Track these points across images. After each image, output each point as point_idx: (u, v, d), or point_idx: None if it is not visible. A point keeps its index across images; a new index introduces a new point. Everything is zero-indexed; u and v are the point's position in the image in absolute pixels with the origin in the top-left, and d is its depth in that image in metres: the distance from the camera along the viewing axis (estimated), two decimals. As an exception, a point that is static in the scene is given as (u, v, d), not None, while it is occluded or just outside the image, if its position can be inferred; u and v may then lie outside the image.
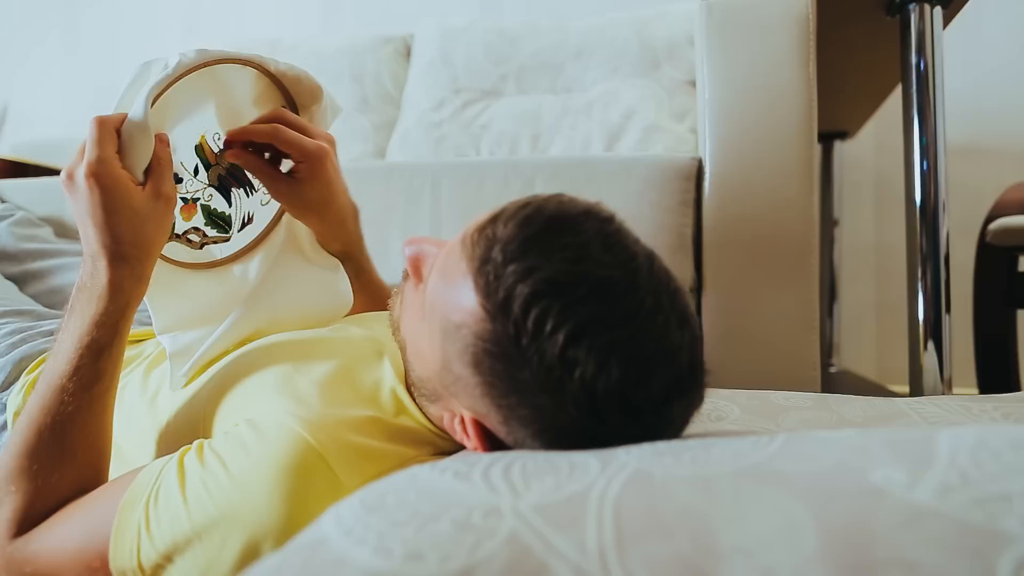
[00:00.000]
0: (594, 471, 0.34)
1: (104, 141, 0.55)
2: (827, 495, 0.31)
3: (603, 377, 0.41)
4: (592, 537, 0.30)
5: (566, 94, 1.56)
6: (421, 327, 0.51)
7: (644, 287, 0.43)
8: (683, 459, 0.35)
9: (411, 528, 0.31)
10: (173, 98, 0.60)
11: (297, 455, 0.49)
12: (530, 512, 0.31)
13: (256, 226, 0.71)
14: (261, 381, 0.61)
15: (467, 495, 0.33)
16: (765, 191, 0.90)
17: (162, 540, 0.49)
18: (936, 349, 0.91)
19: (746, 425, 0.54)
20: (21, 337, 0.85)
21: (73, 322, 0.58)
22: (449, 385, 0.49)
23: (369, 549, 0.30)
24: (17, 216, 1.14)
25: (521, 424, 0.45)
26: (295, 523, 0.47)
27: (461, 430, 0.51)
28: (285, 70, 0.67)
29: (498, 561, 0.29)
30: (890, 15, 0.98)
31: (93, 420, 0.60)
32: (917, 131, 0.92)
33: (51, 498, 0.57)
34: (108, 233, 0.55)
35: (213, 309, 0.69)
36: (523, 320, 0.42)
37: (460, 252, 0.47)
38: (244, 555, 0.48)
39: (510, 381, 0.44)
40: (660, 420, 0.44)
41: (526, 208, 0.45)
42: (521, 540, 0.30)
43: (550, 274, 0.42)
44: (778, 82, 0.90)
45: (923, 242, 0.92)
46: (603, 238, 0.44)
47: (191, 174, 0.66)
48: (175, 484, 0.51)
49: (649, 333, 0.42)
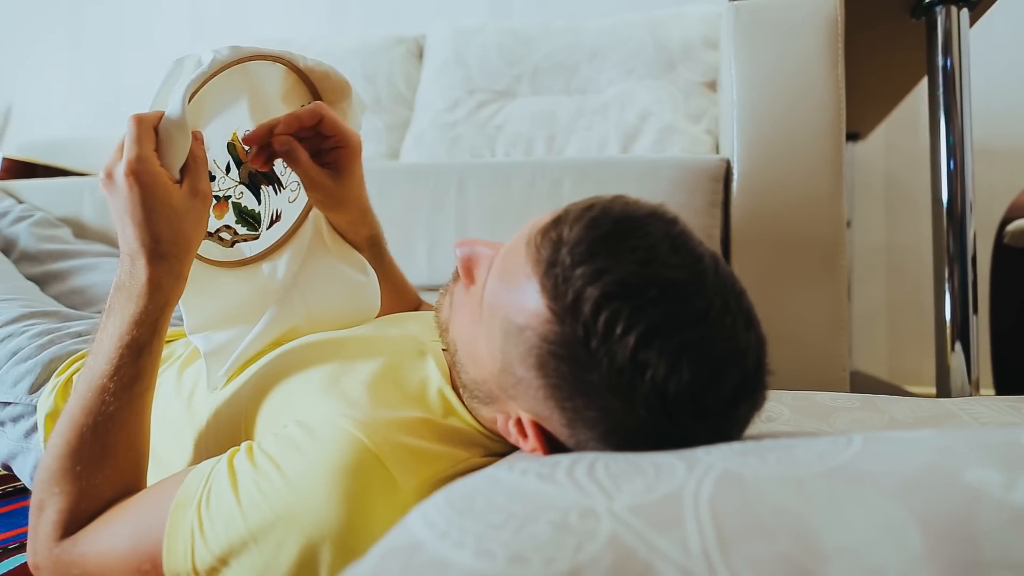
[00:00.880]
0: (681, 472, 0.34)
1: (143, 139, 0.55)
2: (924, 496, 0.31)
3: (674, 379, 0.41)
4: (693, 538, 0.30)
5: (581, 95, 1.56)
6: (477, 329, 0.51)
7: (711, 289, 0.43)
8: (768, 460, 0.35)
9: (509, 531, 0.30)
10: (207, 95, 0.60)
11: (353, 456, 0.49)
12: (626, 513, 0.31)
13: (284, 223, 0.71)
14: (305, 381, 0.61)
15: (557, 497, 0.33)
16: (793, 191, 0.91)
17: (217, 543, 0.49)
18: (964, 349, 0.91)
19: (798, 426, 0.54)
20: (49, 339, 0.84)
21: (112, 321, 0.58)
22: (508, 387, 0.49)
23: (470, 552, 0.29)
24: (36, 217, 1.14)
25: (586, 426, 0.45)
26: (354, 525, 0.47)
27: (517, 432, 0.50)
28: (313, 66, 0.67)
29: (603, 563, 0.29)
30: (915, 17, 0.98)
31: (133, 419, 0.59)
32: (944, 131, 0.93)
33: (95, 499, 0.57)
34: (147, 231, 0.55)
35: (243, 308, 0.69)
36: (593, 322, 0.42)
37: (524, 254, 0.46)
38: (302, 558, 0.47)
39: (577, 383, 0.44)
40: (727, 421, 0.44)
41: (592, 210, 0.45)
42: (622, 541, 0.30)
43: (620, 276, 0.42)
44: (807, 83, 0.90)
45: (950, 242, 0.93)
46: (670, 240, 0.44)
47: (223, 172, 0.65)
48: (227, 486, 0.50)
49: (719, 334, 0.42)
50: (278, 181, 0.70)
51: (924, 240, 1.78)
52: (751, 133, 0.92)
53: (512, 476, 0.37)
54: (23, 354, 0.83)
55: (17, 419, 0.81)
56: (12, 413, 0.81)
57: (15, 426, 0.81)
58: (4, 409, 0.82)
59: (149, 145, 0.55)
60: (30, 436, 0.80)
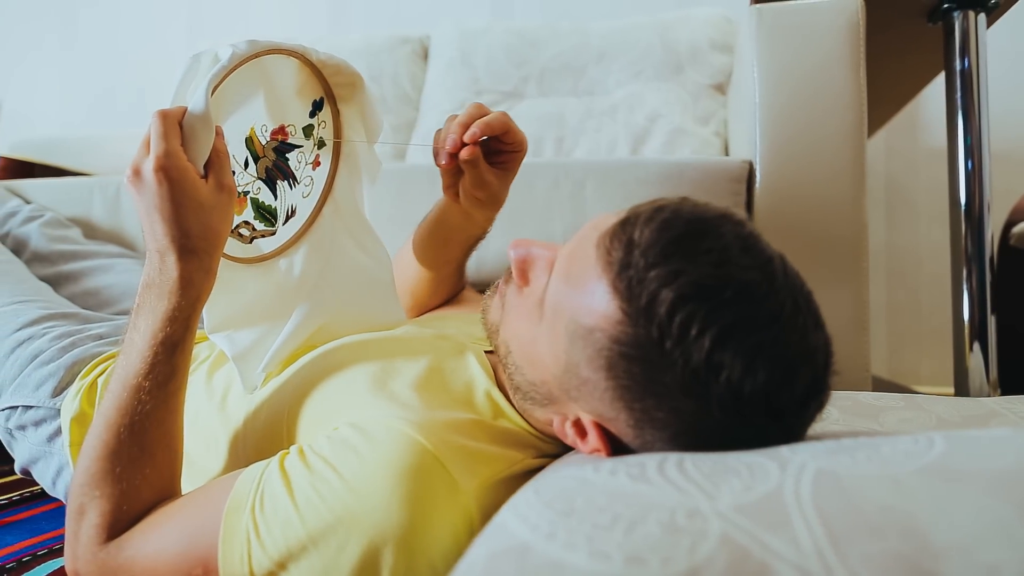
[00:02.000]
0: (775, 471, 0.35)
1: (169, 134, 0.54)
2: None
3: (749, 379, 0.41)
4: (804, 537, 0.30)
5: (588, 97, 1.56)
6: (535, 331, 0.51)
7: (782, 289, 0.43)
8: (858, 458, 0.35)
9: (619, 531, 0.30)
10: (225, 91, 0.60)
11: (414, 458, 0.48)
12: (733, 513, 0.31)
13: (298, 219, 0.71)
14: (349, 383, 0.60)
15: (658, 496, 0.33)
16: (816, 193, 0.91)
17: (275, 547, 0.48)
18: (982, 350, 0.93)
19: (850, 425, 0.55)
20: (71, 341, 0.83)
21: (143, 320, 0.57)
22: (571, 389, 0.49)
23: (583, 554, 0.29)
24: (47, 217, 1.12)
25: (655, 427, 0.45)
26: (416, 527, 0.47)
27: (575, 433, 0.50)
28: (325, 60, 0.66)
29: (719, 563, 0.29)
30: (932, 22, 1.00)
31: (169, 418, 0.59)
32: (961, 131, 0.94)
33: (137, 501, 0.56)
34: (177, 226, 0.55)
35: (262, 305, 0.69)
36: (668, 324, 0.42)
37: (592, 256, 0.46)
38: (363, 561, 0.47)
39: (649, 384, 0.44)
40: (798, 421, 0.44)
41: (662, 212, 0.45)
42: (734, 541, 0.30)
43: (695, 278, 0.42)
44: (829, 86, 0.91)
45: (967, 243, 0.94)
46: (741, 241, 0.44)
47: (241, 167, 0.65)
48: (281, 489, 0.50)
49: (791, 335, 0.43)
50: (293, 176, 0.70)
51: (923, 241, 1.81)
52: (774, 135, 0.92)
53: (601, 477, 0.36)
54: (45, 357, 0.81)
55: (39, 423, 0.80)
56: (34, 417, 0.80)
57: (37, 430, 0.80)
58: (26, 413, 0.80)
59: (176, 140, 0.55)
60: (53, 440, 0.79)
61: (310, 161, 0.71)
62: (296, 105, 0.67)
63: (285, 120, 0.67)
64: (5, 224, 1.11)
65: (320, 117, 0.70)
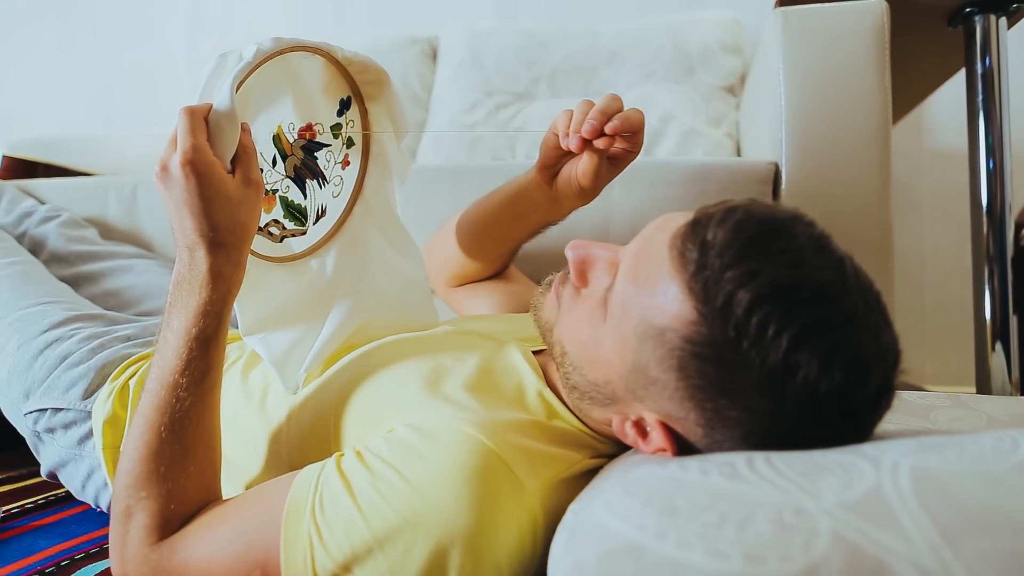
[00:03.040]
0: (868, 469, 0.35)
1: (196, 130, 0.55)
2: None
3: (825, 379, 0.42)
4: (915, 534, 0.30)
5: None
6: (599, 331, 0.51)
7: (854, 289, 0.44)
8: (948, 456, 0.36)
9: (730, 530, 0.31)
10: (252, 89, 0.60)
11: (479, 459, 0.48)
12: (838, 510, 0.32)
13: (329, 219, 0.71)
14: (400, 383, 0.60)
15: (758, 495, 0.33)
16: (841, 195, 0.92)
17: (339, 549, 0.48)
18: (1004, 349, 0.94)
19: (904, 424, 0.56)
20: (99, 343, 0.82)
21: (176, 317, 0.57)
22: (638, 388, 0.49)
23: (700, 552, 0.30)
24: (64, 217, 1.10)
25: (726, 426, 0.45)
26: (484, 528, 0.47)
27: (636, 433, 0.50)
28: (351, 57, 0.66)
29: (836, 560, 0.29)
30: (952, 26, 1.01)
31: (207, 415, 0.59)
32: (983, 132, 0.95)
33: (183, 500, 0.56)
34: (206, 221, 0.55)
35: (295, 305, 0.68)
36: (745, 324, 0.42)
37: (665, 257, 0.46)
38: (431, 562, 0.47)
39: (723, 384, 0.44)
40: (870, 419, 0.45)
41: (735, 213, 0.46)
42: (845, 538, 0.30)
43: (772, 278, 0.42)
44: (854, 88, 0.92)
45: (989, 243, 0.95)
46: (814, 242, 0.45)
47: (269, 165, 0.65)
48: (342, 491, 0.50)
49: (865, 334, 0.43)
50: (322, 175, 0.70)
51: (928, 242, 1.83)
52: (799, 136, 0.93)
53: (692, 476, 0.37)
54: (74, 358, 0.80)
55: (69, 425, 0.79)
56: (64, 419, 0.79)
57: (66, 433, 0.79)
58: (55, 415, 0.79)
59: (202, 135, 0.55)
60: (83, 443, 0.78)
61: (339, 160, 0.70)
62: (323, 103, 0.67)
63: (313, 118, 0.67)
64: (21, 224, 1.10)
65: (348, 116, 0.70)
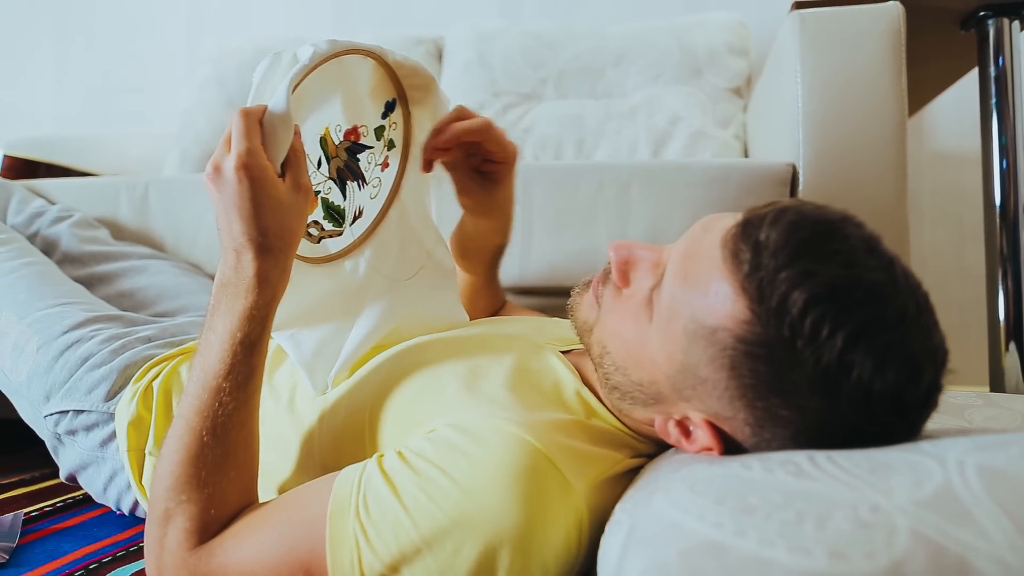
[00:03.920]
0: (934, 467, 0.35)
1: (251, 133, 0.54)
2: None
3: (879, 378, 0.42)
4: (993, 531, 0.31)
5: (607, 99, 1.57)
6: (644, 332, 0.51)
7: (905, 290, 0.44)
8: (1012, 454, 0.36)
9: (810, 527, 0.31)
10: (304, 90, 0.59)
11: (527, 459, 0.48)
12: (913, 508, 0.32)
13: (365, 220, 0.71)
14: (437, 383, 0.60)
15: (830, 492, 0.33)
16: (858, 196, 0.93)
17: (386, 550, 0.48)
18: (1017, 349, 0.95)
19: (942, 423, 0.56)
20: (121, 344, 0.82)
21: (220, 320, 0.57)
22: (685, 388, 0.49)
23: (783, 550, 0.30)
24: (76, 217, 1.09)
25: (777, 424, 0.45)
26: (534, 528, 0.47)
27: (679, 432, 0.51)
28: (401, 61, 0.66)
29: (919, 557, 0.29)
30: (965, 29, 1.02)
31: (249, 420, 0.58)
32: (996, 133, 0.97)
33: (224, 505, 0.56)
34: (255, 225, 0.54)
35: (325, 305, 0.68)
36: (800, 323, 0.42)
37: (717, 257, 0.47)
38: (480, 562, 0.47)
39: (775, 383, 0.44)
40: (920, 418, 0.45)
41: (787, 214, 0.46)
42: (924, 535, 0.30)
43: (827, 279, 0.43)
44: (871, 90, 0.92)
45: (1003, 243, 0.96)
46: (865, 242, 0.45)
47: (315, 167, 0.65)
48: (387, 492, 0.49)
49: (916, 334, 0.44)
50: (362, 177, 0.70)
51: (928, 244, 1.85)
52: (817, 138, 0.94)
53: (757, 474, 0.37)
54: (96, 360, 0.80)
55: (91, 427, 0.78)
56: (86, 421, 0.78)
57: (88, 435, 0.78)
58: (77, 417, 0.79)
59: (257, 139, 0.55)
60: (106, 445, 0.78)
61: (379, 162, 0.70)
62: (369, 106, 0.67)
63: (359, 121, 0.66)
64: (32, 224, 1.09)
65: (391, 119, 0.70)
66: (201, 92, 1.78)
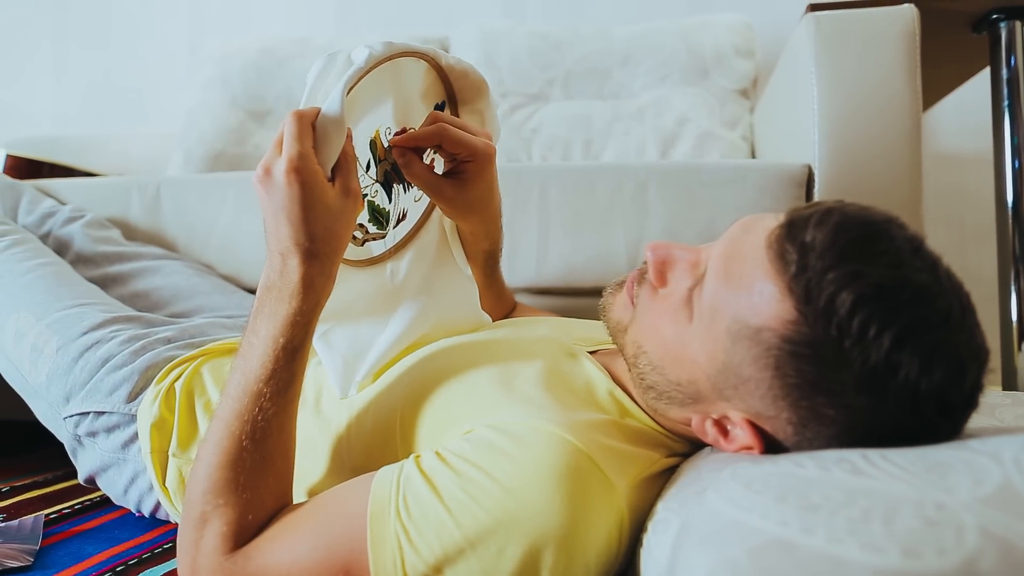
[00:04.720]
0: (991, 465, 0.36)
1: (304, 136, 0.53)
2: None
3: (926, 378, 0.43)
4: (1059, 528, 0.31)
5: (614, 100, 1.58)
6: (684, 331, 0.52)
7: (949, 291, 0.45)
8: (1064, 452, 0.37)
9: (877, 524, 0.31)
10: (358, 93, 0.59)
11: (570, 459, 0.49)
12: (978, 505, 0.32)
13: (408, 222, 0.70)
14: (471, 385, 0.60)
15: (891, 490, 0.34)
16: (874, 196, 0.94)
17: (429, 551, 0.48)
18: (1030, 348, 0.96)
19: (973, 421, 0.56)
20: (141, 345, 0.81)
21: (263, 324, 0.56)
22: (726, 388, 0.49)
23: (854, 547, 0.30)
24: (88, 217, 1.09)
25: (821, 423, 0.46)
26: (577, 528, 0.47)
27: (717, 431, 0.51)
28: (454, 64, 0.65)
29: (991, 554, 0.30)
30: (977, 32, 1.03)
31: (288, 425, 0.58)
32: (1008, 133, 0.98)
33: (261, 509, 0.56)
34: (303, 230, 0.54)
35: (359, 307, 0.68)
36: (848, 324, 0.43)
37: (763, 258, 0.47)
38: (524, 562, 0.47)
39: (821, 382, 0.45)
40: (963, 417, 0.46)
41: (832, 215, 0.46)
42: (993, 533, 0.31)
43: (874, 279, 0.43)
44: (887, 92, 0.93)
45: (1015, 243, 0.97)
46: (909, 243, 0.46)
47: (363, 170, 0.64)
48: (427, 493, 0.49)
49: (961, 335, 0.44)
50: (407, 180, 0.70)
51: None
52: (833, 139, 0.94)
53: (812, 472, 0.37)
54: (117, 361, 0.79)
55: (112, 429, 0.78)
56: (107, 423, 0.78)
57: (109, 437, 0.78)
58: (98, 419, 0.78)
59: (309, 142, 0.54)
60: (127, 447, 0.77)
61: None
62: (421, 108, 0.66)
63: (408, 123, 0.66)
64: (44, 224, 1.08)
65: None
66: (205, 92, 1.78)
